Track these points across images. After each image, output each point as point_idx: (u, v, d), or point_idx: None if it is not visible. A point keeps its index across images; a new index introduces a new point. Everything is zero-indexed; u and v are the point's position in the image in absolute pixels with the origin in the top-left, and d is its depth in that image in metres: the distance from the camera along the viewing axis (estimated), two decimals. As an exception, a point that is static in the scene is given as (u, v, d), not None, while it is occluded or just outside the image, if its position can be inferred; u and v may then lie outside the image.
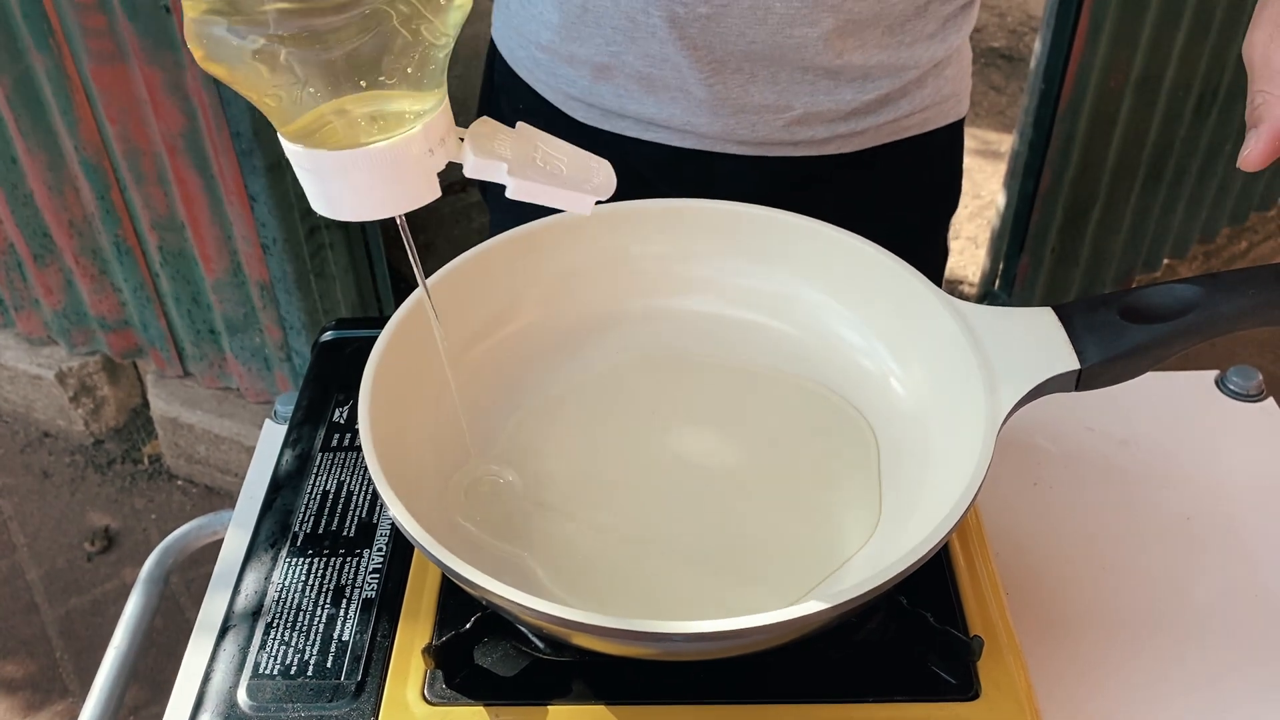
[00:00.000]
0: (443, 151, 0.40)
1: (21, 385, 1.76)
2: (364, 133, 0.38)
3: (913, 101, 0.73)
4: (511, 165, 0.41)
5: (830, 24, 0.65)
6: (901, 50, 0.69)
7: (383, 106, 0.37)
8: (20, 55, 1.34)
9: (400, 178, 0.39)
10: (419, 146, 0.39)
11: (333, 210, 0.40)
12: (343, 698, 0.46)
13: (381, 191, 0.39)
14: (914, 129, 0.74)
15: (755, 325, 0.57)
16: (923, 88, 0.73)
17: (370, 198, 0.40)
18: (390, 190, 0.39)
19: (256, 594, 0.50)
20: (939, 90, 0.74)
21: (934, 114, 0.75)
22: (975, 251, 2.12)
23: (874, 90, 0.70)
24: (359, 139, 0.38)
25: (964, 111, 0.78)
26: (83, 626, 1.54)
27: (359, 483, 0.55)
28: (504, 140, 0.42)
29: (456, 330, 0.54)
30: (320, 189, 0.40)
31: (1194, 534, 0.60)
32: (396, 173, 0.39)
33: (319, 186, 0.40)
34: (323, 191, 0.40)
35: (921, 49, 0.70)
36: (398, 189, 0.39)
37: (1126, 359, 0.47)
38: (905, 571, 0.40)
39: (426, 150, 0.39)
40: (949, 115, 0.76)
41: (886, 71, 0.70)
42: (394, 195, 0.40)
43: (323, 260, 1.49)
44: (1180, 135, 1.66)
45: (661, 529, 0.50)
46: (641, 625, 0.39)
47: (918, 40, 0.69)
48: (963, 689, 0.45)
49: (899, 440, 0.52)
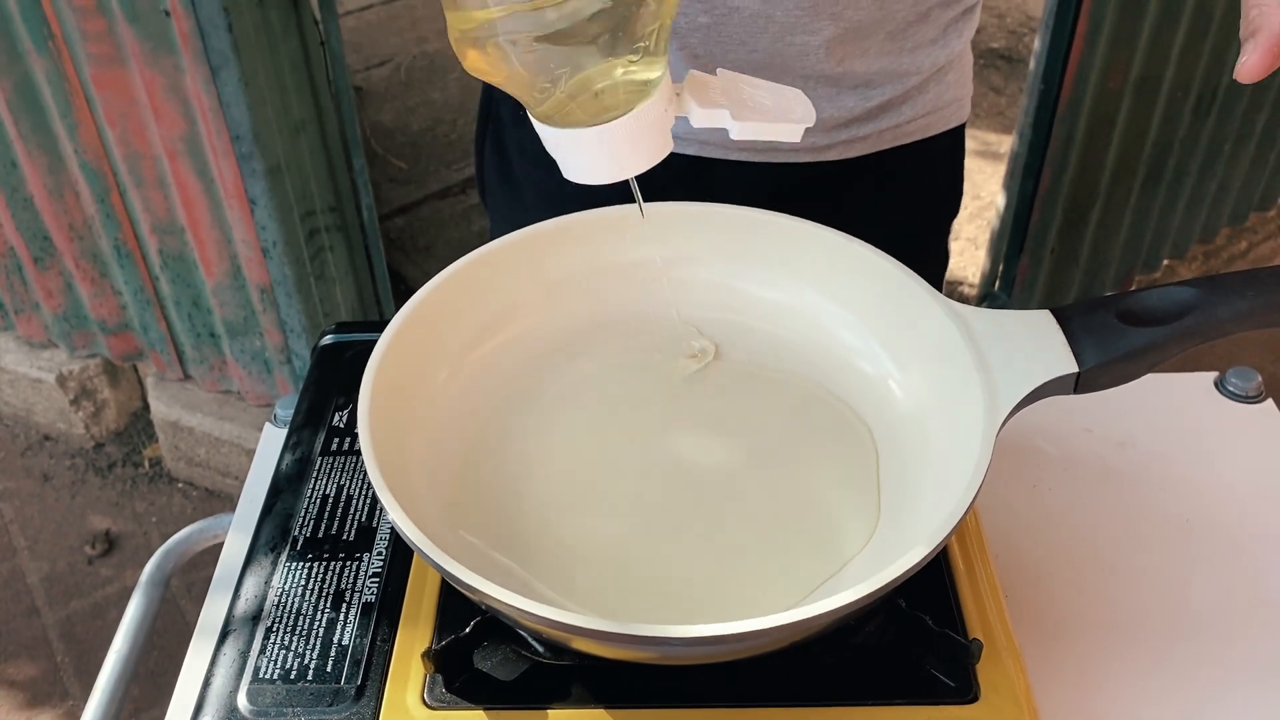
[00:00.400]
0: (673, 108, 0.45)
1: (22, 388, 1.76)
2: (608, 106, 0.43)
3: (915, 107, 0.72)
4: (734, 111, 0.45)
5: (831, 31, 0.65)
6: (903, 56, 0.69)
7: (630, 77, 0.42)
8: (20, 59, 1.34)
9: (645, 139, 0.44)
10: (660, 107, 0.44)
11: (584, 177, 0.45)
12: (343, 702, 0.46)
13: (629, 152, 0.44)
14: (916, 134, 0.74)
15: (753, 329, 0.57)
16: (924, 93, 0.72)
17: (617, 162, 0.45)
18: (637, 150, 0.44)
19: (256, 598, 0.50)
20: (941, 96, 0.74)
21: (935, 119, 0.75)
22: (975, 252, 2.12)
23: (876, 97, 0.70)
24: (604, 113, 0.43)
25: (965, 116, 0.78)
26: (83, 630, 1.55)
27: (359, 486, 0.55)
28: (716, 88, 0.46)
29: (455, 335, 0.54)
30: (574, 161, 0.45)
31: (1193, 536, 0.61)
32: (644, 134, 0.44)
33: (572, 159, 0.45)
34: (576, 162, 0.45)
35: (923, 55, 0.70)
36: (643, 148, 0.45)
37: (1125, 362, 0.47)
38: (905, 575, 0.40)
39: (664, 110, 0.44)
40: (950, 120, 0.76)
41: (888, 78, 0.70)
42: (640, 154, 0.45)
43: (323, 263, 1.49)
44: (1179, 135, 1.66)
45: (659, 533, 0.50)
46: (640, 629, 0.39)
47: (919, 46, 0.69)
48: (962, 692, 0.45)
49: (898, 443, 0.52)
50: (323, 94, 1.38)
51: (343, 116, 1.42)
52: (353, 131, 1.44)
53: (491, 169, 0.82)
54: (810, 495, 0.51)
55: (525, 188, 0.79)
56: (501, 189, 0.82)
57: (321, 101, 1.38)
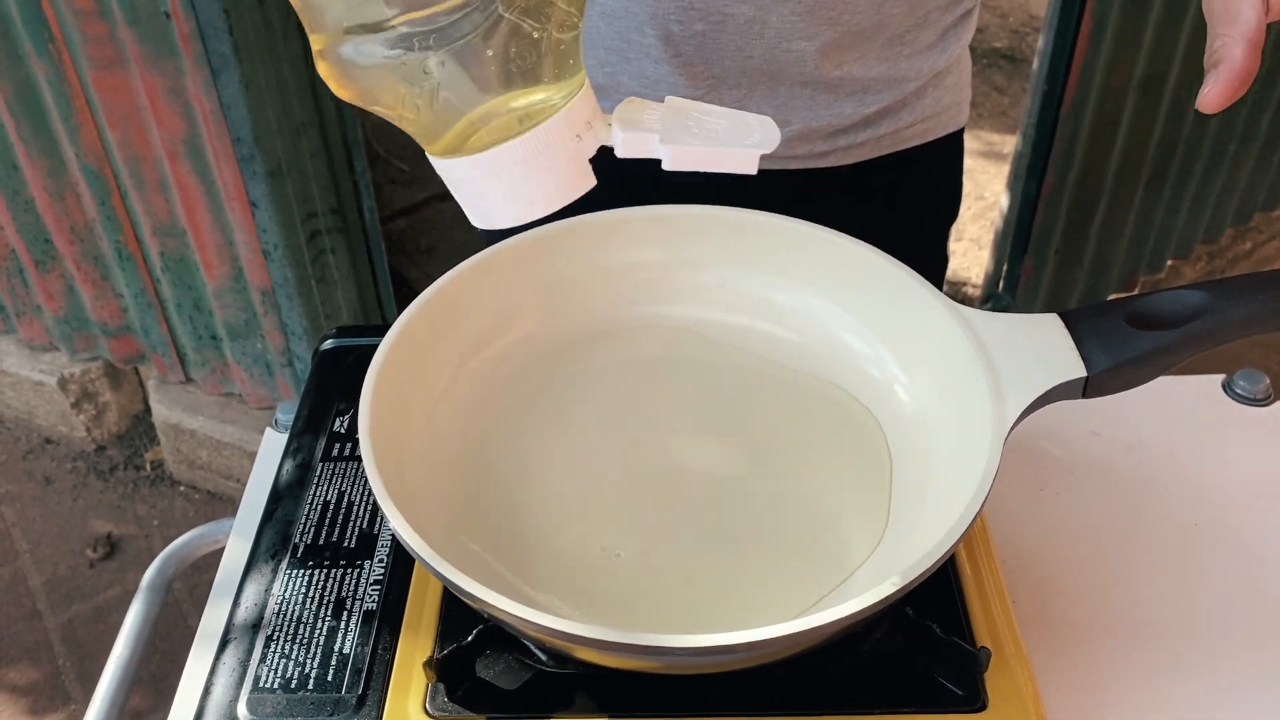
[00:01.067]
0: (591, 136, 0.39)
1: (23, 391, 1.76)
2: (511, 133, 0.37)
3: (913, 112, 0.72)
4: (663, 135, 0.40)
5: (828, 37, 0.64)
6: (901, 62, 0.68)
7: (523, 102, 0.37)
8: (21, 62, 1.34)
9: (551, 168, 0.39)
10: (563, 131, 0.38)
11: (490, 219, 0.40)
12: (344, 711, 0.45)
13: (534, 186, 0.39)
14: (914, 140, 0.74)
15: (759, 331, 0.57)
16: (922, 99, 0.72)
17: (524, 196, 0.39)
18: (544, 183, 0.39)
19: (257, 606, 0.50)
20: (939, 100, 0.73)
21: (934, 124, 0.74)
22: (979, 253, 2.11)
23: (874, 103, 0.69)
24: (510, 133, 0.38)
25: (964, 120, 0.77)
26: (85, 633, 1.54)
27: (359, 493, 0.55)
28: (652, 113, 0.41)
29: (456, 340, 0.54)
30: (474, 200, 0.39)
31: (1202, 540, 0.60)
32: (546, 163, 0.38)
33: (472, 197, 0.39)
34: (477, 202, 0.39)
35: (921, 60, 0.69)
36: (551, 181, 0.39)
37: (1134, 366, 0.47)
38: (913, 583, 0.40)
39: (574, 136, 0.39)
40: (949, 125, 0.76)
41: (886, 84, 0.69)
42: (548, 189, 0.39)
43: (324, 265, 1.49)
44: (1184, 135, 1.66)
45: (665, 539, 0.49)
46: (643, 639, 0.39)
47: (917, 52, 0.69)
48: (970, 700, 0.45)
49: (905, 448, 0.51)
50: (324, 96, 1.37)
51: (344, 118, 1.42)
52: (354, 133, 1.44)
53: None
54: (817, 501, 0.50)
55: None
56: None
57: (322, 103, 1.37)
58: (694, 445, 0.53)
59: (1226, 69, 0.42)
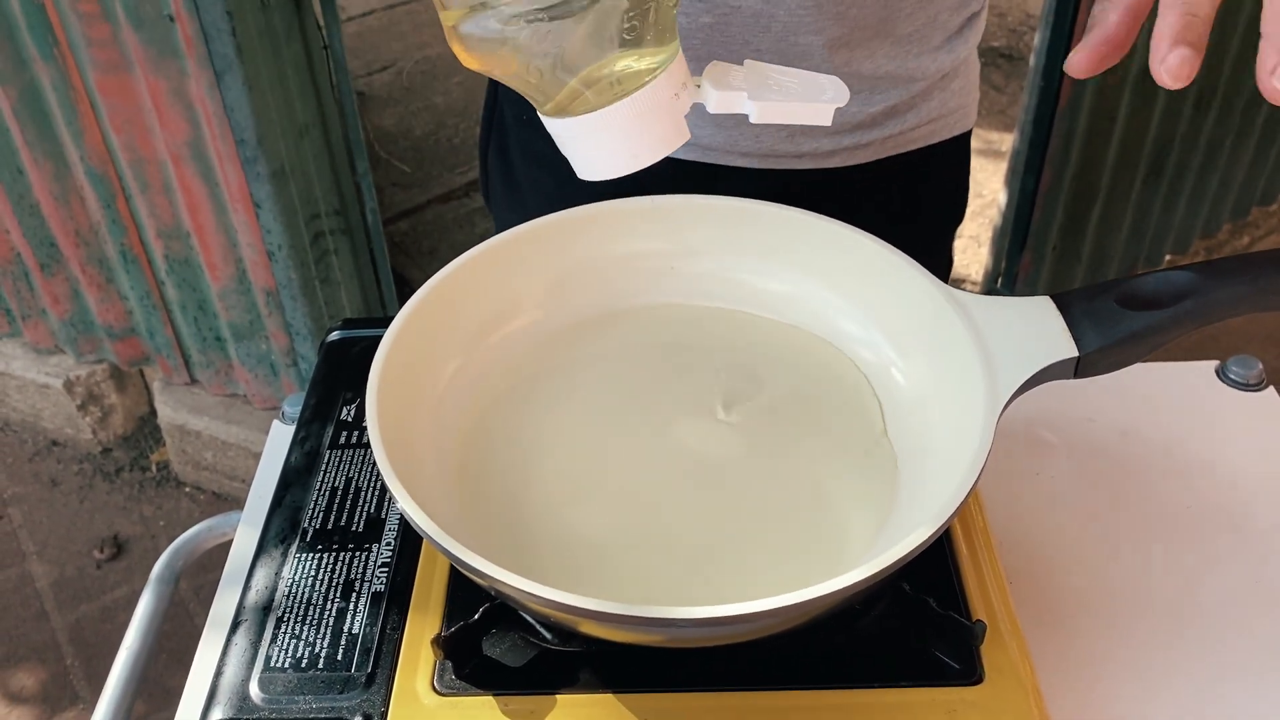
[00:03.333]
0: (686, 95, 0.44)
1: (29, 394, 1.77)
2: (615, 95, 0.42)
3: (919, 114, 0.72)
4: (751, 92, 0.44)
5: (835, 32, 0.64)
6: (909, 61, 0.69)
7: (626, 66, 0.41)
8: (25, 66, 1.35)
9: (653, 125, 0.43)
10: (666, 91, 0.43)
11: (596, 171, 0.45)
12: (353, 689, 0.46)
13: (638, 141, 0.44)
14: (919, 141, 0.74)
15: (756, 318, 0.58)
16: (929, 100, 0.72)
17: (629, 150, 0.44)
18: (648, 138, 0.44)
19: (267, 589, 0.51)
20: (945, 103, 0.73)
21: (940, 126, 0.74)
22: (978, 250, 2.12)
23: (880, 102, 0.70)
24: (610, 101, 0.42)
25: (970, 124, 0.77)
26: (92, 633, 1.55)
27: (367, 479, 0.56)
28: (737, 74, 0.46)
29: (461, 327, 0.55)
30: (584, 154, 0.44)
31: (1195, 523, 0.61)
32: (649, 121, 0.43)
33: (581, 151, 0.44)
34: (586, 155, 0.44)
35: (929, 60, 0.69)
36: (654, 135, 0.44)
37: (1124, 345, 0.48)
38: (909, 555, 0.40)
39: (673, 95, 0.43)
40: (955, 128, 0.76)
41: (893, 83, 0.69)
42: (651, 142, 0.44)
43: (327, 266, 1.50)
44: (1180, 131, 1.67)
45: (667, 518, 0.50)
46: (648, 611, 0.40)
47: (925, 51, 0.69)
48: (966, 674, 0.46)
49: (901, 429, 0.52)
50: (326, 98, 1.38)
51: (346, 120, 1.43)
52: (356, 135, 1.45)
53: (495, 172, 0.83)
54: (814, 480, 0.51)
55: (528, 191, 0.79)
56: (505, 192, 0.82)
57: (325, 105, 1.39)
58: (694, 428, 0.54)
59: (1098, 33, 0.41)
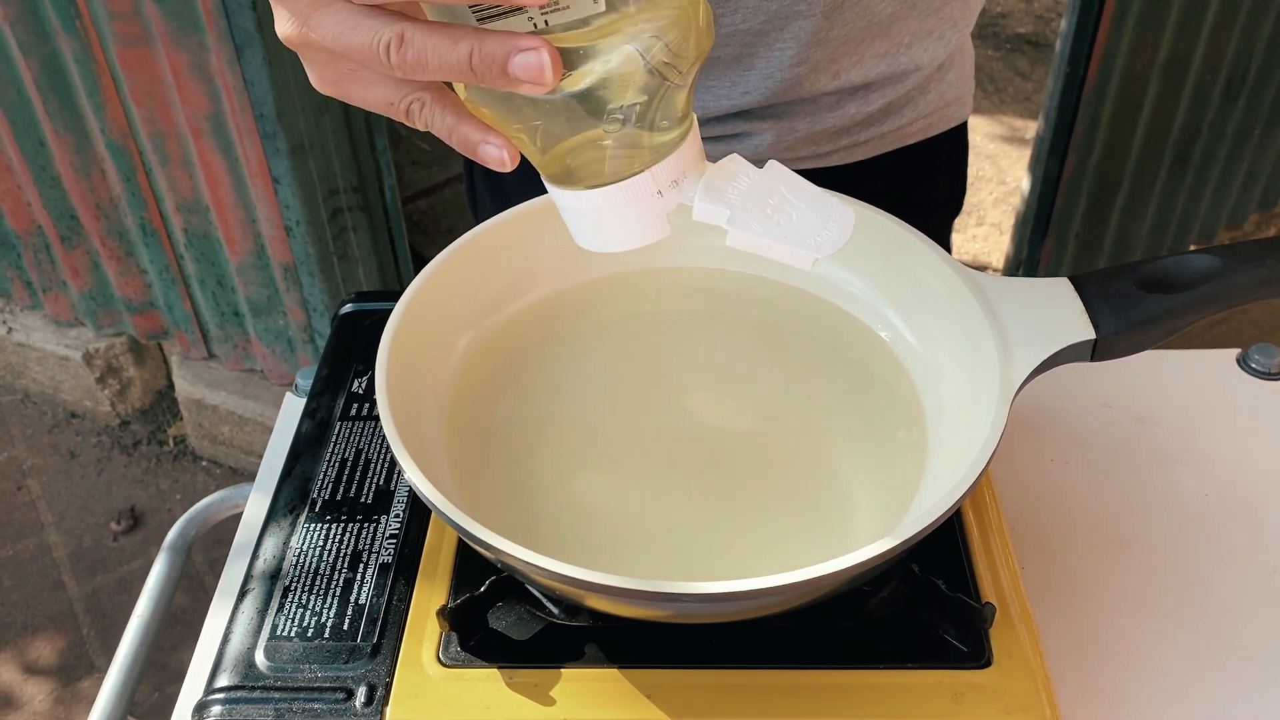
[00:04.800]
0: (674, 193, 0.41)
1: (49, 366, 1.78)
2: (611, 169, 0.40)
3: (916, 108, 0.71)
4: (734, 214, 0.42)
5: (819, 56, 0.63)
6: (901, 55, 0.67)
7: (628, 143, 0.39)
8: (47, 38, 1.36)
9: (627, 218, 0.41)
10: (645, 189, 0.41)
11: (579, 240, 0.43)
12: (359, 659, 0.46)
13: (611, 229, 0.42)
14: (917, 135, 0.73)
15: (769, 293, 0.57)
16: (926, 94, 0.71)
17: (602, 234, 0.42)
18: (619, 229, 0.42)
19: (275, 558, 0.51)
20: (943, 95, 0.72)
21: (937, 119, 0.73)
22: (1000, 237, 2.10)
23: (877, 100, 0.68)
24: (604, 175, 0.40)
25: (967, 114, 0.76)
26: (109, 604, 1.57)
27: (377, 450, 0.56)
28: (741, 183, 0.42)
29: (471, 301, 0.54)
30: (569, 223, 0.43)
31: (1211, 511, 0.60)
32: (622, 213, 0.41)
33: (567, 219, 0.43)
34: (570, 224, 0.43)
35: (921, 50, 0.68)
36: (625, 228, 0.42)
37: (1142, 328, 0.47)
38: (918, 535, 0.40)
39: (655, 193, 0.41)
40: (952, 119, 0.74)
41: (889, 80, 0.68)
42: (624, 233, 0.42)
43: (345, 243, 1.50)
44: (1207, 119, 1.65)
45: (678, 493, 0.50)
46: (657, 586, 0.39)
47: (916, 40, 0.67)
48: (974, 656, 0.45)
49: (914, 407, 0.51)
50: (346, 73, 1.38)
51: (366, 96, 1.43)
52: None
53: (482, 187, 0.82)
54: (825, 456, 0.51)
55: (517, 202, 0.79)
56: (493, 204, 0.82)
57: (345, 81, 1.38)
58: (706, 401, 0.54)
59: None
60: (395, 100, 0.40)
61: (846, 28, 0.63)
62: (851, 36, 0.64)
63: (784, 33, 0.62)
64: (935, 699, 0.44)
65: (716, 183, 0.42)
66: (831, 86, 0.66)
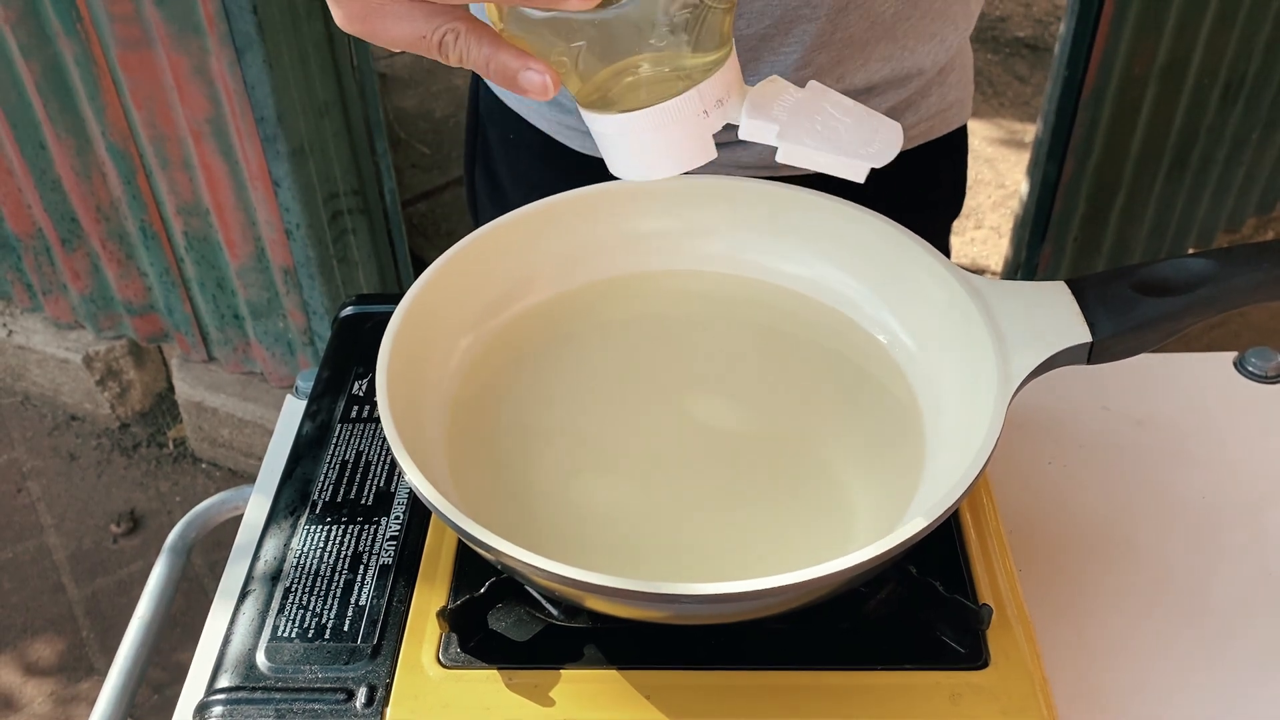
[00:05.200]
0: (719, 113, 0.41)
1: (49, 369, 1.79)
2: (651, 94, 0.39)
3: (918, 112, 0.71)
4: (783, 129, 0.41)
5: (823, 60, 0.63)
6: (904, 59, 0.67)
7: (668, 66, 0.38)
8: (49, 41, 1.36)
9: (672, 140, 0.40)
10: (690, 109, 0.40)
11: (619, 171, 0.42)
12: (359, 660, 0.47)
13: (655, 154, 0.41)
14: (918, 139, 0.73)
15: (768, 296, 0.57)
16: (927, 97, 0.71)
17: (645, 160, 0.41)
18: (663, 152, 0.41)
19: (276, 560, 0.51)
20: (943, 98, 0.72)
21: (937, 122, 0.73)
22: (998, 241, 2.11)
23: (880, 104, 0.68)
24: (643, 100, 0.39)
25: (966, 118, 0.76)
26: (108, 606, 1.57)
27: (377, 452, 0.56)
28: (787, 99, 0.42)
29: (471, 304, 0.55)
30: (608, 152, 0.42)
31: (1209, 514, 0.60)
32: (667, 135, 0.40)
33: (606, 150, 0.42)
34: (610, 155, 0.42)
35: (923, 53, 0.68)
36: (671, 151, 0.41)
37: (1139, 331, 0.47)
38: (915, 537, 0.40)
39: (700, 113, 0.40)
40: (951, 123, 0.75)
41: (892, 84, 0.68)
42: (668, 157, 0.41)
43: (345, 245, 1.50)
44: (1206, 123, 1.65)
45: (676, 494, 0.50)
46: (655, 587, 0.40)
47: (918, 43, 0.67)
48: (971, 657, 0.46)
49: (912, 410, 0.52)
50: (346, 77, 1.39)
51: (366, 100, 1.43)
52: (376, 115, 1.45)
53: (483, 192, 0.82)
54: (823, 458, 0.51)
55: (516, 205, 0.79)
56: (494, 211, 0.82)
57: (345, 84, 1.39)
58: (705, 403, 0.54)
59: None
60: (427, 33, 0.38)
61: (850, 30, 0.63)
62: (855, 39, 0.64)
63: (788, 36, 0.63)
64: (932, 700, 0.44)
65: (761, 101, 0.41)
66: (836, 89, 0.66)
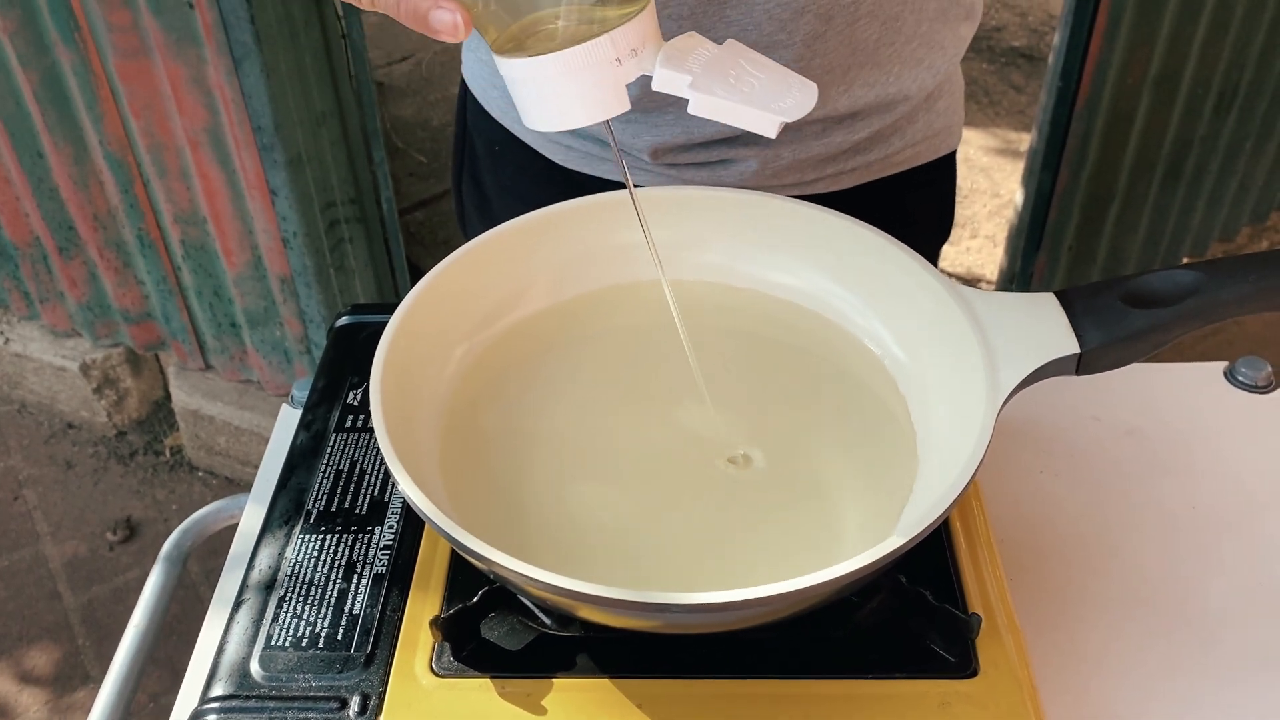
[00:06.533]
0: (633, 63, 0.40)
1: (46, 377, 1.79)
2: (564, 42, 0.38)
3: (904, 137, 0.71)
4: (695, 80, 0.40)
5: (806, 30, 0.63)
6: (890, 85, 0.67)
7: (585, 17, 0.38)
8: (46, 50, 1.36)
9: (583, 87, 0.40)
10: (602, 55, 0.39)
11: (527, 119, 0.41)
12: (353, 668, 0.47)
13: (566, 101, 0.40)
14: (904, 165, 0.72)
15: (755, 308, 0.58)
16: (914, 123, 0.71)
17: (555, 107, 0.40)
18: (574, 100, 0.40)
19: (270, 569, 0.51)
20: (931, 125, 0.72)
21: (925, 148, 0.73)
22: (993, 250, 2.11)
23: (864, 129, 0.68)
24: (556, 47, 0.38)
25: (956, 144, 0.76)
26: (104, 614, 1.57)
27: (371, 462, 0.56)
28: (701, 55, 0.41)
29: (465, 314, 0.55)
30: (517, 99, 0.41)
31: (1199, 524, 0.61)
32: (578, 82, 0.39)
33: (516, 97, 0.41)
34: (519, 102, 0.41)
35: (910, 79, 0.67)
36: (582, 98, 0.40)
37: (1127, 342, 0.48)
38: (904, 547, 0.41)
39: (613, 60, 0.39)
40: (940, 149, 0.74)
41: (876, 109, 0.68)
42: (578, 105, 0.40)
43: (342, 254, 1.51)
44: (1199, 133, 1.66)
45: (668, 505, 0.51)
46: (645, 596, 0.40)
47: (905, 69, 0.67)
48: (961, 667, 0.46)
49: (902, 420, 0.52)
50: (344, 86, 1.39)
51: (364, 109, 1.44)
52: (373, 124, 1.46)
53: (470, 203, 0.82)
54: (814, 468, 0.51)
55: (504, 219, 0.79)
56: (480, 222, 0.82)
57: (343, 94, 1.39)
58: (697, 414, 0.54)
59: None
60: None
61: (829, 57, 0.63)
62: (836, 65, 0.64)
63: None
64: (922, 709, 0.45)
65: (676, 54, 0.41)
66: (818, 115, 0.66)
